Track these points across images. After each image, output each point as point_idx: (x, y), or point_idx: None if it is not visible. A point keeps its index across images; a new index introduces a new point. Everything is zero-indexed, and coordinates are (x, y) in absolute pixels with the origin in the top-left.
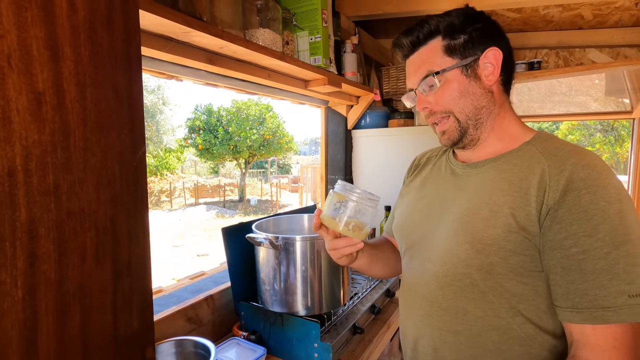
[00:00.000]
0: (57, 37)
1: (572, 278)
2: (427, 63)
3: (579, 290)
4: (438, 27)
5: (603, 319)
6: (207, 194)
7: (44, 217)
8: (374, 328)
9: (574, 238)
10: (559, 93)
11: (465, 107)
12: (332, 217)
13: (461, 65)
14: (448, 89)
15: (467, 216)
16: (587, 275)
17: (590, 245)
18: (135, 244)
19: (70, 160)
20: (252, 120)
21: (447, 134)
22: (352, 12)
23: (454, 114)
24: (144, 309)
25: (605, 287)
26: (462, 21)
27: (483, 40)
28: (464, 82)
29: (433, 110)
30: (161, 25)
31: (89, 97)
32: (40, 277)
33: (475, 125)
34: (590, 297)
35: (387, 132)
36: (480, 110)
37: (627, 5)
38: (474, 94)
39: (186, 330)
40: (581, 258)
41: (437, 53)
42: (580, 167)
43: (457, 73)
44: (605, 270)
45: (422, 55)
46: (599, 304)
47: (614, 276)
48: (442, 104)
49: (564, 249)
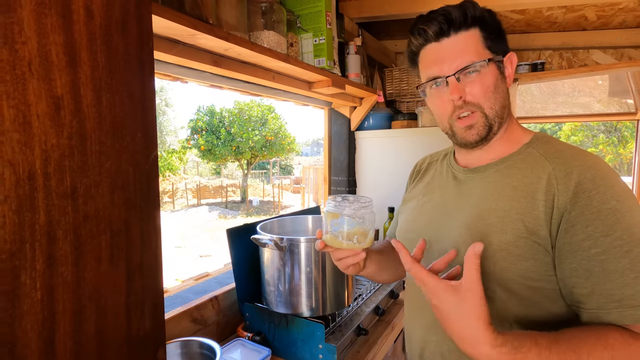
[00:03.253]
0: (74, 43)
1: (596, 280)
2: (470, 50)
3: (604, 290)
4: (480, 16)
5: (632, 318)
6: (210, 194)
7: (62, 220)
8: (378, 329)
9: (592, 239)
10: (562, 94)
11: (496, 103)
12: (334, 237)
13: (497, 60)
14: (486, 82)
15: (473, 222)
16: (611, 274)
17: (610, 244)
18: (147, 245)
19: (87, 163)
20: (254, 122)
21: (476, 129)
22: (356, 14)
23: (483, 109)
24: (156, 310)
25: (631, 285)
26: (493, 18)
27: (504, 41)
28: (499, 78)
29: (467, 101)
30: (168, 28)
31: (105, 101)
32: (58, 279)
33: (500, 123)
34: (617, 297)
35: (391, 134)
36: (505, 109)
37: (632, 6)
38: (503, 91)
39: (191, 331)
40: (603, 258)
41: (479, 43)
42: (586, 168)
43: (494, 68)
44: (629, 268)
45: (462, 40)
46: (627, 303)
47: (638, 274)
48: (477, 96)
49: (584, 251)
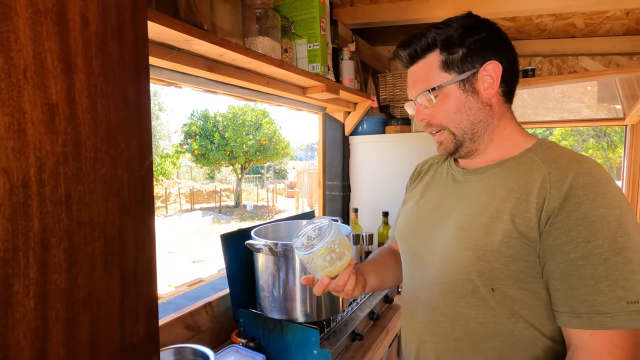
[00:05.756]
0: (70, 50)
1: (571, 283)
2: (423, 78)
3: (577, 295)
4: (436, 40)
5: (600, 324)
6: (203, 199)
7: (56, 227)
8: (372, 334)
9: (573, 244)
10: (552, 99)
11: (461, 122)
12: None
13: (458, 80)
14: (444, 104)
15: (468, 222)
16: (586, 280)
17: (590, 251)
18: (141, 252)
19: (82, 170)
20: (248, 126)
21: (444, 145)
22: (350, 20)
23: (449, 128)
24: (150, 317)
25: (604, 293)
26: (462, 33)
27: (483, 52)
28: (461, 97)
29: (430, 123)
30: (163, 34)
31: (100, 108)
32: (51, 287)
33: (471, 138)
34: (589, 302)
35: (384, 139)
36: (477, 124)
37: (618, 14)
38: (471, 108)
39: (185, 337)
40: (580, 264)
41: (434, 68)
42: (581, 174)
43: (454, 88)
44: (604, 276)
45: (420, 69)
46: (597, 309)
47: (612, 282)
48: (438, 119)
49: (564, 254)
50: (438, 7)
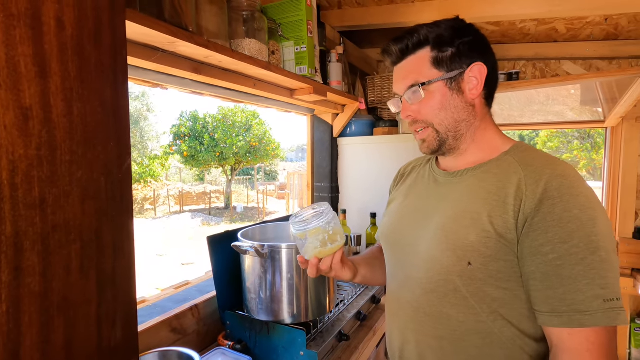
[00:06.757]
0: (44, 54)
1: (550, 283)
2: (414, 73)
3: (557, 295)
4: (428, 37)
5: (579, 322)
6: (193, 201)
7: (29, 231)
8: (359, 335)
9: (551, 245)
10: (537, 102)
11: (445, 120)
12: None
13: (446, 78)
14: (431, 101)
15: (449, 224)
16: (565, 280)
17: (567, 251)
18: (120, 255)
19: (56, 173)
20: (238, 127)
21: (427, 143)
22: (338, 23)
23: (433, 125)
24: (128, 320)
25: (582, 291)
26: (452, 34)
27: (470, 54)
28: (447, 95)
29: (416, 119)
30: (147, 35)
31: (76, 111)
32: (24, 290)
33: (454, 136)
34: (568, 301)
35: (372, 140)
36: (460, 123)
37: (598, 20)
38: (455, 107)
39: (170, 341)
40: (558, 264)
41: (424, 64)
42: (554, 177)
43: (441, 86)
44: (582, 275)
45: (410, 64)
46: (576, 308)
47: (590, 281)
48: (424, 115)
49: (542, 255)
50: (424, 11)
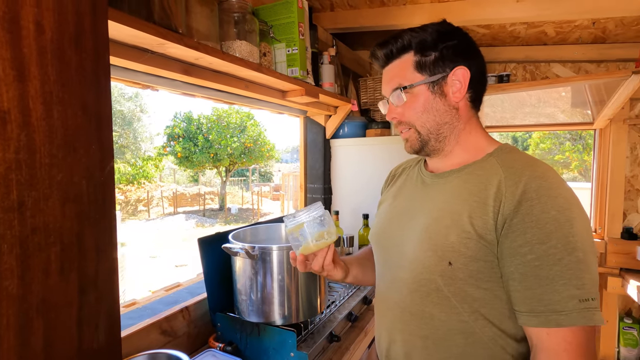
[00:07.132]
0: (23, 58)
1: (528, 284)
2: (398, 76)
3: (535, 295)
4: (411, 42)
5: (556, 322)
6: (187, 202)
7: (7, 234)
8: (350, 336)
9: (529, 245)
10: (529, 105)
11: (427, 122)
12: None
13: (428, 81)
14: (414, 103)
15: (432, 224)
16: (542, 280)
17: (544, 252)
18: (102, 258)
19: (36, 177)
20: (232, 128)
21: (410, 143)
22: (330, 25)
23: (416, 127)
24: (111, 323)
25: (559, 292)
26: (435, 38)
27: (454, 58)
28: (430, 98)
29: (400, 121)
30: (136, 37)
31: (56, 114)
32: (2, 293)
33: (436, 138)
34: (545, 301)
35: (365, 142)
36: (443, 125)
37: (586, 24)
38: (437, 110)
39: (161, 343)
40: (537, 264)
41: (408, 68)
42: (533, 178)
43: (423, 89)
44: (559, 275)
45: (395, 68)
46: (552, 308)
47: (566, 281)
48: (407, 117)
49: (521, 256)
50: (415, 14)
